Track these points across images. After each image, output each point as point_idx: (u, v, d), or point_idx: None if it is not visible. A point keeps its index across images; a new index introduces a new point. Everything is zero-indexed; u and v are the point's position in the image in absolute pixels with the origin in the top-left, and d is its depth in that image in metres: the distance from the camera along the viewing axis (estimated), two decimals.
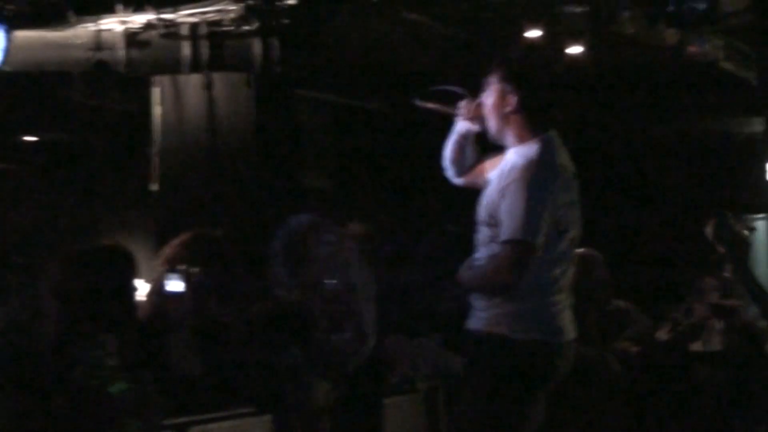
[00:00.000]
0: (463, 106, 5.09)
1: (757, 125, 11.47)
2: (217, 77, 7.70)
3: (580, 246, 5.15)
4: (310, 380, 5.50)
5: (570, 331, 4.93)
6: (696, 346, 8.01)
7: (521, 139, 4.92)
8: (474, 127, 5.08)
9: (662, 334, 7.95)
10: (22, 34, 7.32)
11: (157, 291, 5.40)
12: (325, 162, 10.23)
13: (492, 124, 4.99)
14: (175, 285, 5.30)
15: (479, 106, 5.04)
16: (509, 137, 4.96)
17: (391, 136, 10.30)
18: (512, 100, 4.92)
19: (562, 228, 4.84)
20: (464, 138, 5.15)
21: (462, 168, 5.18)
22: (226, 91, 7.72)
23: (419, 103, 5.17)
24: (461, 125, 5.13)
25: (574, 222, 4.91)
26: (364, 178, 10.47)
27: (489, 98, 4.98)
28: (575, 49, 9.32)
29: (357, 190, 10.32)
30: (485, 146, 5.15)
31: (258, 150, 7.76)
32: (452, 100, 5.10)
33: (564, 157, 4.96)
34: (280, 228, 6.01)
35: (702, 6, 8.33)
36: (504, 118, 4.95)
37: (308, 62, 8.13)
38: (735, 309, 8.06)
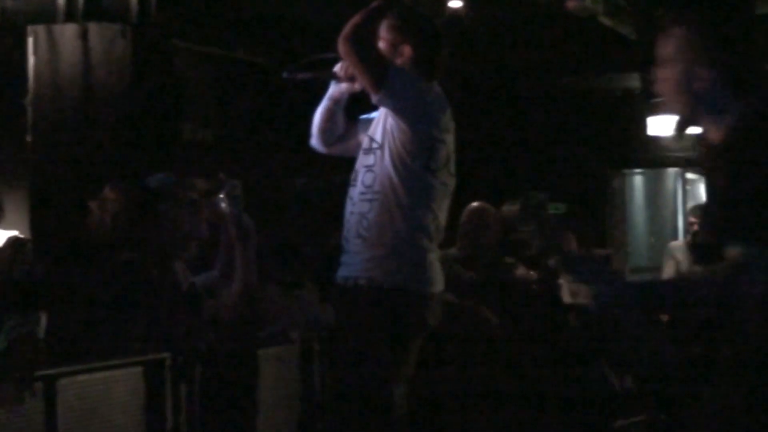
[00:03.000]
0: (339, 67, 4.87)
1: (634, 81, 11.63)
2: (93, 28, 7.61)
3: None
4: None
5: (439, 283, 4.90)
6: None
7: None
8: (354, 87, 4.87)
9: None
10: None
11: None
12: (207, 115, 10.15)
13: None
14: None
15: None
16: None
17: (274, 90, 10.24)
18: (406, 50, 4.81)
19: (433, 166, 4.75)
20: (336, 103, 4.98)
21: (331, 137, 5.03)
22: (101, 41, 7.63)
23: (289, 75, 4.91)
24: (335, 89, 4.95)
25: (446, 167, 4.83)
26: (247, 132, 10.41)
27: None
28: (455, 3, 9.37)
29: (239, 143, 10.26)
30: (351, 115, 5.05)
31: (135, 102, 7.68)
32: (326, 65, 4.87)
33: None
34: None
35: None
36: None
37: (186, 13, 8.06)
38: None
